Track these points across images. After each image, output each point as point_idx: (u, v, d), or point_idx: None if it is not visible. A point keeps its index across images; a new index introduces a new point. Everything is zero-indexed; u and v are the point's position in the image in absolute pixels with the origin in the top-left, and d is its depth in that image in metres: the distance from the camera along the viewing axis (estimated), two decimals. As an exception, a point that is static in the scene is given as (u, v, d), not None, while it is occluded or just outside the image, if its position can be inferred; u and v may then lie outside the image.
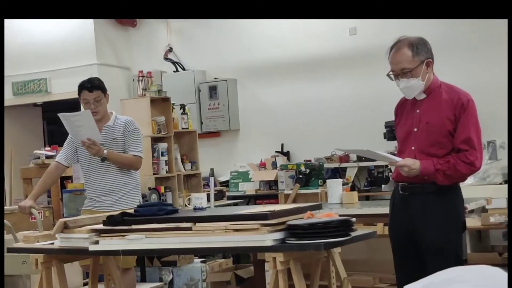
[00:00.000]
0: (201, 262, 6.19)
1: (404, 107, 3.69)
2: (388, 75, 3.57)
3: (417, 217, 3.51)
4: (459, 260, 3.51)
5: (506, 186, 5.92)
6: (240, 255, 6.78)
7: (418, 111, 3.57)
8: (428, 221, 3.48)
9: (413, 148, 3.54)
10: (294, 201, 7.11)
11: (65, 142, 4.91)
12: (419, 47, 3.51)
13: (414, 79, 3.50)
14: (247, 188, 8.35)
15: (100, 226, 3.70)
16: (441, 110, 3.50)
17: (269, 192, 8.06)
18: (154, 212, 3.70)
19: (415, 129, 3.55)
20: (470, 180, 5.83)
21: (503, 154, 6.32)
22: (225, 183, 8.55)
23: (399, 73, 3.51)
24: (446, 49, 7.48)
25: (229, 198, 7.99)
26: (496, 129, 6.70)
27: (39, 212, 4.85)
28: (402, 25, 7.58)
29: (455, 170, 3.44)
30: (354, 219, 3.43)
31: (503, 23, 7.30)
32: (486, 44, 7.52)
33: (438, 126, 3.49)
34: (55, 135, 9.92)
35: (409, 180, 3.53)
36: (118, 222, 3.63)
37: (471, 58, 7.61)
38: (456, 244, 3.55)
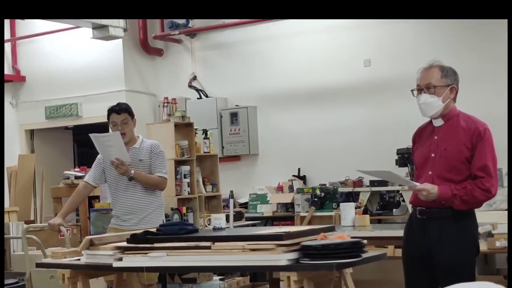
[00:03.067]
0: (220, 279, 6.18)
1: (422, 134, 3.67)
2: (412, 90, 3.56)
3: (434, 241, 3.47)
4: (472, 281, 3.48)
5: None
6: (257, 273, 6.76)
7: (436, 137, 3.55)
8: (445, 244, 3.44)
9: (430, 173, 3.51)
10: (309, 223, 7.07)
11: (94, 163, 4.96)
12: (449, 72, 3.55)
13: (435, 97, 3.50)
14: (265, 210, 8.35)
15: (124, 244, 3.71)
16: (458, 137, 3.48)
17: (285, 214, 8.05)
18: (176, 231, 3.71)
19: (433, 155, 3.53)
20: (477, 206, 5.79)
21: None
22: (244, 205, 8.55)
23: (423, 88, 3.52)
24: (467, 81, 7.46)
25: (248, 219, 7.98)
26: (503, 158, 6.64)
27: (67, 230, 4.89)
28: (415, 57, 7.60)
29: (471, 196, 3.42)
30: (365, 241, 3.42)
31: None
32: (498, 77, 7.47)
33: (456, 152, 3.47)
34: (85, 157, 10.00)
35: (426, 205, 3.49)
36: (141, 240, 3.64)
37: (486, 90, 7.55)
38: (470, 266, 3.51)
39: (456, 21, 7.63)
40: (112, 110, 4.87)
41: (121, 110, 4.85)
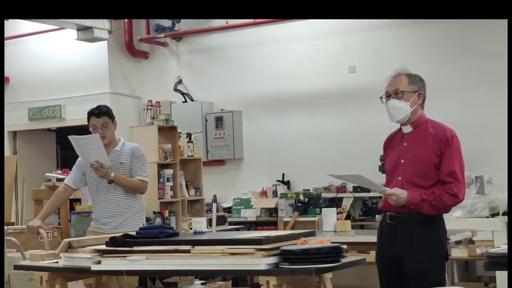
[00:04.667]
0: (201, 284, 6.13)
1: (392, 141, 3.75)
2: (380, 97, 3.64)
3: (404, 246, 3.54)
4: (442, 286, 3.52)
5: (492, 219, 5.92)
6: (238, 278, 6.75)
7: (405, 144, 3.63)
8: (413, 249, 3.51)
9: (400, 178, 3.59)
10: (292, 228, 7.07)
11: (74, 165, 4.93)
12: (416, 79, 3.64)
13: (403, 102, 3.58)
14: (249, 215, 8.35)
15: (103, 247, 3.69)
16: (427, 144, 3.56)
17: (269, 219, 8.05)
18: (155, 234, 3.70)
19: (403, 161, 3.61)
20: (458, 212, 5.83)
21: (490, 189, 6.33)
22: (228, 209, 8.55)
23: (391, 94, 3.59)
24: (441, 88, 7.52)
25: (231, 223, 7.97)
26: (484, 166, 6.73)
27: (47, 232, 4.85)
28: (400, 64, 7.64)
29: (440, 201, 3.49)
30: (344, 246, 3.43)
31: (489, 64, 7.35)
32: (475, 84, 7.54)
33: (425, 158, 3.54)
34: (68, 159, 9.92)
35: (396, 210, 3.56)
36: (120, 244, 3.62)
37: (463, 98, 7.63)
38: (439, 272, 3.57)
39: (441, 27, 7.69)
40: (91, 113, 4.83)
41: (101, 113, 4.81)
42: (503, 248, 3.65)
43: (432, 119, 3.68)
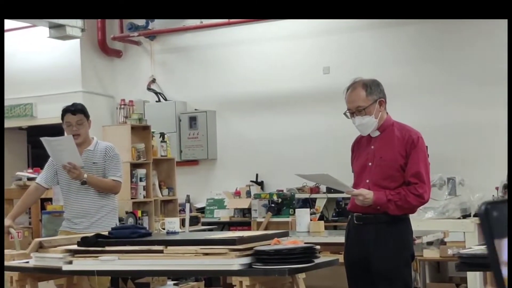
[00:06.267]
0: (174, 284, 6.12)
1: (360, 143, 3.80)
2: (344, 113, 3.69)
3: (370, 246, 3.59)
4: (408, 286, 3.59)
5: (463, 220, 6.00)
6: (212, 278, 6.74)
7: (372, 147, 3.69)
8: (379, 249, 3.56)
9: (367, 181, 3.64)
10: (266, 229, 7.07)
11: (46, 164, 4.89)
12: (373, 87, 3.65)
13: (368, 117, 3.62)
14: (222, 215, 8.34)
15: (75, 247, 3.67)
16: (393, 146, 3.62)
17: (242, 220, 8.05)
18: (127, 234, 3.69)
19: (370, 164, 3.67)
20: (430, 214, 5.90)
21: (461, 191, 6.41)
22: (201, 210, 8.53)
23: (354, 111, 3.63)
24: (414, 90, 7.60)
25: (204, 224, 7.96)
26: (456, 167, 6.80)
27: (18, 232, 4.80)
28: (375, 65, 7.71)
29: (405, 201, 3.55)
30: (318, 247, 3.46)
31: (467, 65, 7.45)
32: (449, 86, 7.62)
33: (391, 161, 3.60)
34: (39, 159, 9.82)
35: (363, 211, 3.62)
36: (92, 243, 3.61)
37: (437, 100, 7.71)
38: (404, 272, 3.62)
39: (415, 30, 7.77)
40: (67, 111, 4.80)
41: (76, 110, 4.78)
42: (474, 249, 3.71)
43: (398, 121, 3.75)
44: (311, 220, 5.39)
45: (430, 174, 3.66)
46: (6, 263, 3.85)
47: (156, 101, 9.18)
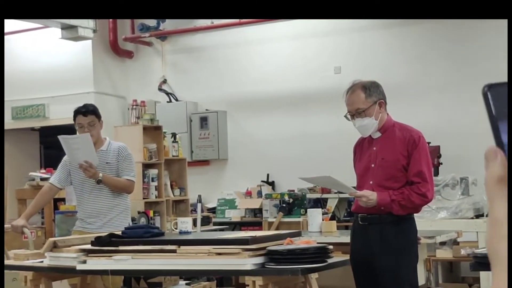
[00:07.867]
0: (186, 284, 6.14)
1: (362, 145, 3.83)
2: (345, 116, 3.69)
3: (375, 245, 3.60)
4: (414, 286, 3.59)
5: (476, 220, 5.97)
6: (223, 278, 6.76)
7: (374, 148, 3.71)
8: (384, 249, 3.57)
9: (371, 182, 3.66)
10: (277, 229, 7.08)
11: (59, 165, 4.91)
12: (372, 89, 3.67)
13: (368, 119, 3.64)
14: (233, 215, 8.35)
15: (88, 246, 3.69)
16: (395, 147, 3.63)
17: (253, 220, 8.06)
18: (141, 234, 3.70)
19: (372, 165, 3.68)
20: (443, 214, 5.87)
21: (474, 190, 6.38)
22: (213, 210, 8.54)
23: (354, 113, 3.66)
24: (428, 90, 7.59)
25: (216, 224, 7.97)
26: (469, 167, 6.76)
27: (31, 232, 4.82)
28: (385, 65, 7.71)
29: (409, 201, 3.55)
30: (331, 247, 3.46)
31: (474, 66, 7.42)
32: (459, 86, 7.60)
33: (393, 161, 3.62)
34: (52, 159, 9.88)
35: (367, 211, 3.61)
36: (105, 243, 3.63)
37: (447, 100, 7.69)
38: (409, 271, 3.62)
39: (427, 29, 7.75)
40: (78, 112, 4.82)
41: (87, 112, 4.80)
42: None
43: (399, 122, 3.75)
44: (323, 220, 5.38)
45: (432, 172, 3.67)
46: (21, 263, 3.88)
47: (167, 102, 9.20)
